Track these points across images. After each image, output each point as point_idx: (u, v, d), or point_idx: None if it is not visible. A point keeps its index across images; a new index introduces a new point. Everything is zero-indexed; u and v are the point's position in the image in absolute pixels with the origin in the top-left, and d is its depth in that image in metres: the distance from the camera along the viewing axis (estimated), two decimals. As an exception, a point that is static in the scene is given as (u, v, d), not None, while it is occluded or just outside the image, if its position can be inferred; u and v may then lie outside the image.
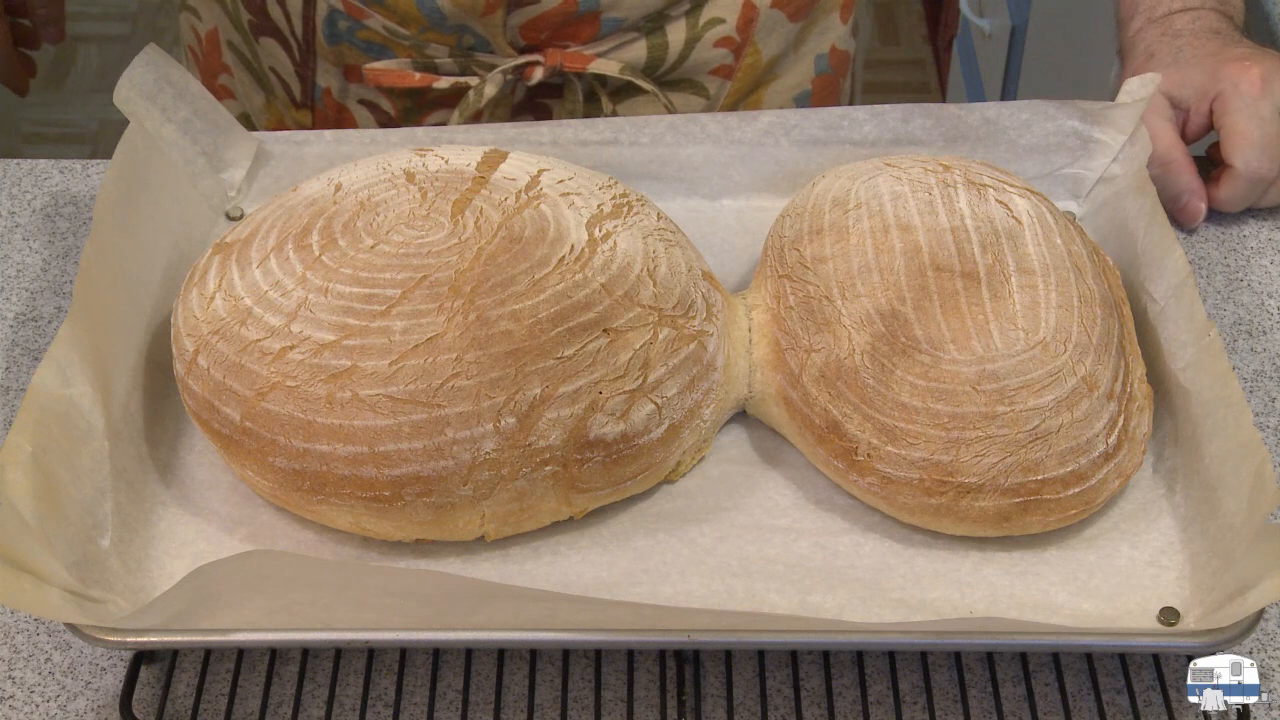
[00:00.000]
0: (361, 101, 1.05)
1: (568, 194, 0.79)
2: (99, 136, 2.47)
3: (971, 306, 0.75)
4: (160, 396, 0.81)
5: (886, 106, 0.93)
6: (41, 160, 1.01)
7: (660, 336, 0.75)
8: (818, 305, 0.77)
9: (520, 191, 0.79)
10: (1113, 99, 0.92)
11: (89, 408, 0.74)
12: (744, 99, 1.09)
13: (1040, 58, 1.90)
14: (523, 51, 1.01)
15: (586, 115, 1.03)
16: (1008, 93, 1.97)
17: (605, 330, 0.73)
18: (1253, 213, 0.96)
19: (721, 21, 1.03)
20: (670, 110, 1.05)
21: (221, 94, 1.12)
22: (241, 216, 0.92)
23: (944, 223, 0.79)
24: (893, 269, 0.77)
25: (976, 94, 2.15)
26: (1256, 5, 1.19)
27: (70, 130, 2.51)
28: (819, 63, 1.10)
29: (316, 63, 1.04)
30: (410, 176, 0.80)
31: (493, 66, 1.01)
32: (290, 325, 0.73)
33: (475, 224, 0.76)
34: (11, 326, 0.89)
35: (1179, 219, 0.95)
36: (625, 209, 0.80)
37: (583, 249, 0.76)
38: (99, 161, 1.01)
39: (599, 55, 1.01)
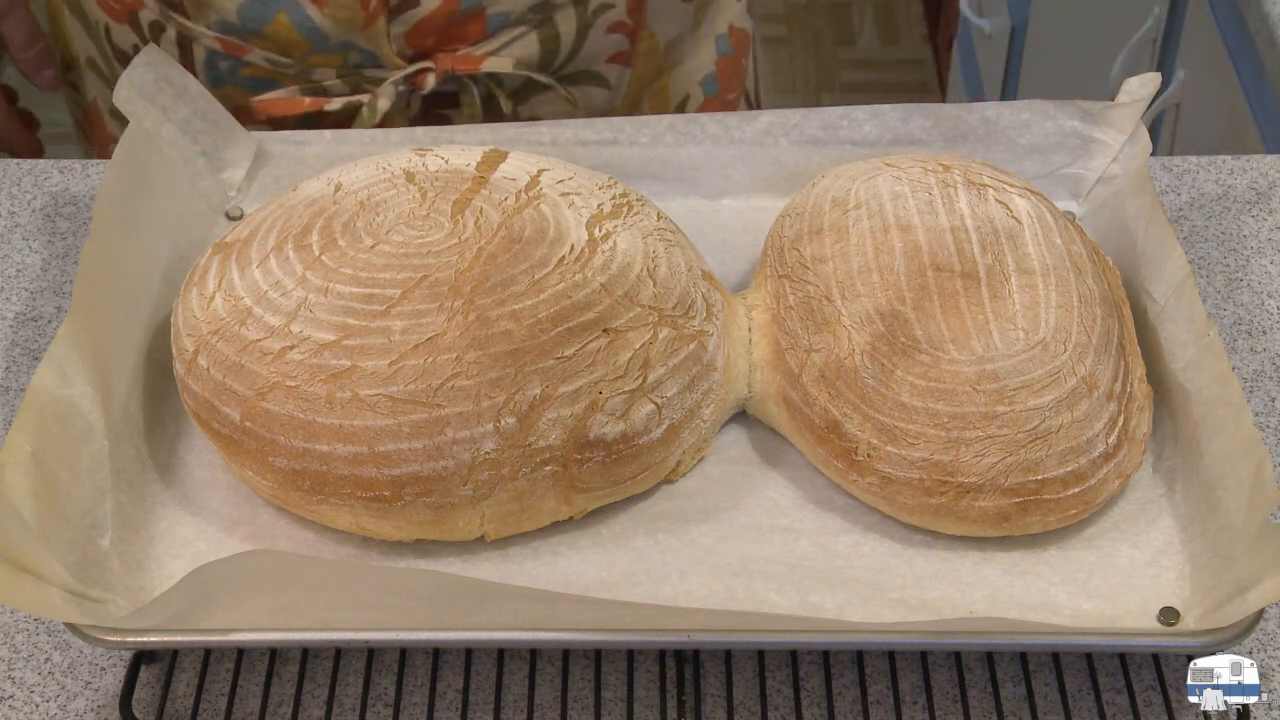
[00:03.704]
0: None
1: (568, 194, 0.79)
2: (99, 136, 2.47)
3: (971, 306, 0.75)
4: (160, 396, 0.81)
5: (886, 106, 0.93)
6: (41, 160, 1.01)
7: (660, 336, 0.75)
8: (817, 305, 0.77)
9: (520, 191, 0.79)
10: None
11: (89, 408, 0.74)
12: (648, 86, 1.07)
13: (1040, 58, 1.90)
14: (412, 60, 0.98)
15: (487, 120, 1.01)
16: (1008, 93, 1.97)
17: (605, 330, 0.73)
18: (1253, 212, 0.96)
19: (611, 6, 1.00)
20: (572, 104, 1.03)
21: None
22: (241, 216, 0.92)
23: (944, 223, 0.79)
24: (892, 269, 0.77)
25: (976, 94, 2.15)
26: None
27: (70, 130, 2.50)
28: (720, 44, 1.08)
29: None
30: (410, 176, 0.80)
31: (383, 81, 0.98)
32: (290, 325, 0.73)
33: (475, 224, 0.76)
34: (11, 326, 0.89)
35: None
36: (625, 209, 0.80)
37: (583, 249, 0.76)
38: (99, 161, 1.01)
39: (490, 54, 0.98)
